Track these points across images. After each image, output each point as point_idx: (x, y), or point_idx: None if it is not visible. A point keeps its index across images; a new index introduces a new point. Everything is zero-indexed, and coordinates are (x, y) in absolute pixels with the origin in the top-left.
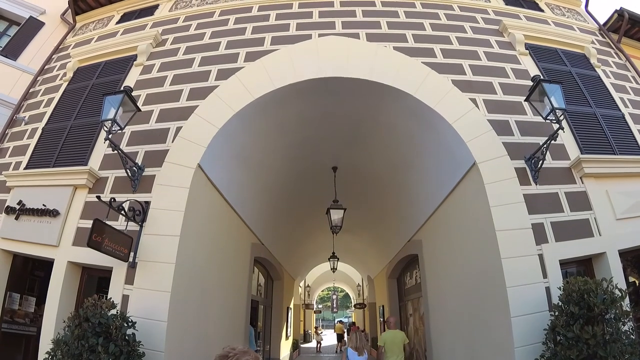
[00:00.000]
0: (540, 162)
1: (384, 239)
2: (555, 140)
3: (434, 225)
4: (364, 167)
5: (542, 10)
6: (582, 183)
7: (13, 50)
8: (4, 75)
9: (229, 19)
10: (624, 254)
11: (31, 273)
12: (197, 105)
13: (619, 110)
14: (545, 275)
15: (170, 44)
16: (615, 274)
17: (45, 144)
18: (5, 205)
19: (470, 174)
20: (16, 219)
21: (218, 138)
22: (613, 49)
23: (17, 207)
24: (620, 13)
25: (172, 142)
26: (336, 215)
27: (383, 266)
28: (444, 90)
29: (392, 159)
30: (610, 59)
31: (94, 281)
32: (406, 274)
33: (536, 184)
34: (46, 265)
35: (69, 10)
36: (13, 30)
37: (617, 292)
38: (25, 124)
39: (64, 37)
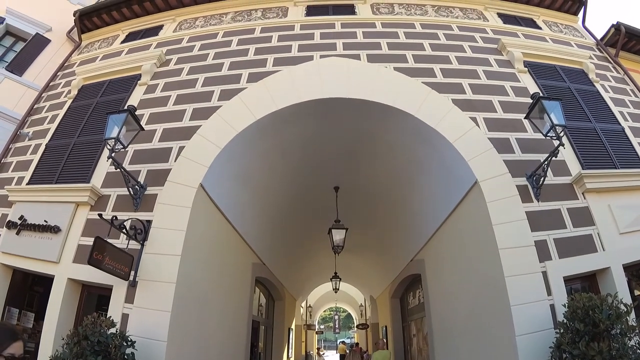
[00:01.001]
0: (542, 179)
1: (386, 258)
2: (556, 157)
3: (436, 245)
4: (366, 187)
5: (539, 28)
6: (584, 198)
7: (19, 66)
8: (9, 91)
9: (232, 40)
10: (628, 268)
11: (30, 288)
12: (200, 125)
13: (619, 124)
14: (549, 293)
15: (174, 64)
16: (620, 289)
17: (49, 160)
18: (7, 220)
19: (472, 193)
20: (17, 234)
21: (220, 158)
22: (611, 63)
23: (19, 222)
24: (617, 27)
25: (175, 161)
26: (338, 235)
27: (386, 286)
28: (444, 109)
29: (393, 179)
30: (609, 74)
31: (93, 299)
32: (409, 293)
33: (538, 201)
34: (46, 281)
35: (75, 28)
36: (19, 46)
37: (622, 307)
38: (29, 140)
39: (70, 55)
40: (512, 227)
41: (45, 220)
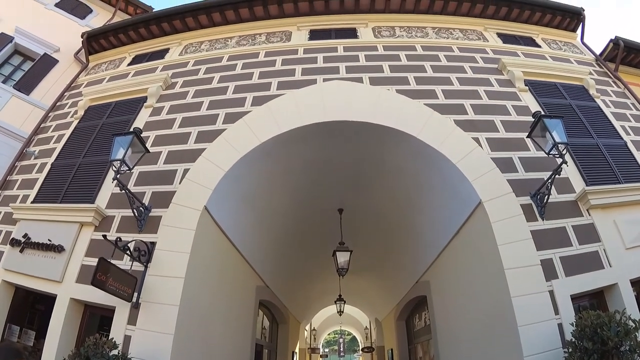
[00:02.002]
0: (546, 197)
1: (391, 280)
2: (559, 175)
3: (441, 266)
4: (370, 208)
5: (539, 46)
6: (589, 215)
7: (26, 85)
8: (16, 109)
9: (237, 64)
10: (636, 283)
11: (32, 306)
12: (205, 148)
13: (621, 138)
14: (557, 312)
15: (180, 87)
16: (629, 304)
17: (54, 180)
18: (11, 237)
19: (477, 213)
20: (21, 251)
21: (225, 181)
22: (611, 77)
23: (23, 240)
24: (616, 42)
25: (180, 183)
26: (342, 257)
27: (391, 308)
28: (446, 130)
29: (397, 200)
30: (609, 88)
31: (96, 319)
32: (415, 315)
33: (543, 220)
34: (48, 299)
35: (83, 49)
36: (27, 66)
37: (630, 323)
38: (35, 158)
39: (77, 76)
40: (517, 246)
41: (49, 239)
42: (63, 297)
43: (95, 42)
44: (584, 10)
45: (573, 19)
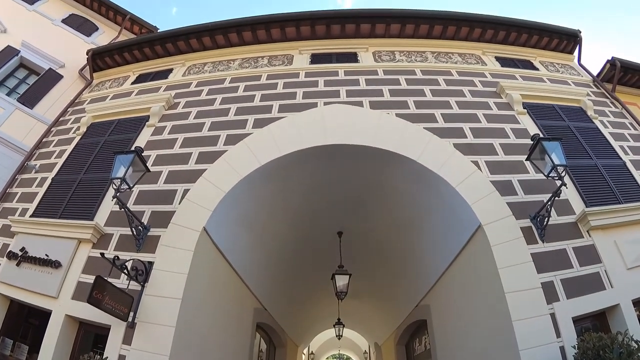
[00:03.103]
0: (546, 219)
1: (391, 304)
2: (559, 197)
3: (442, 289)
4: (370, 232)
5: (536, 69)
6: (590, 236)
7: (30, 99)
8: (19, 122)
9: (239, 86)
10: (638, 303)
11: (26, 320)
12: (206, 169)
13: (620, 158)
14: (558, 335)
15: (182, 108)
16: (631, 325)
17: (54, 195)
18: (8, 250)
19: (476, 236)
20: (17, 265)
21: (224, 202)
22: (609, 98)
23: (20, 253)
24: (613, 62)
25: (179, 204)
26: (341, 281)
27: (390, 332)
28: (446, 154)
29: (397, 224)
30: (607, 109)
31: (90, 337)
32: (415, 340)
33: (543, 242)
34: (42, 314)
35: (87, 66)
36: (32, 80)
37: (633, 344)
38: (36, 172)
39: (81, 92)
40: (517, 269)
41: (46, 254)
42: (58, 313)
43: (100, 59)
44: (580, 32)
45: (570, 41)
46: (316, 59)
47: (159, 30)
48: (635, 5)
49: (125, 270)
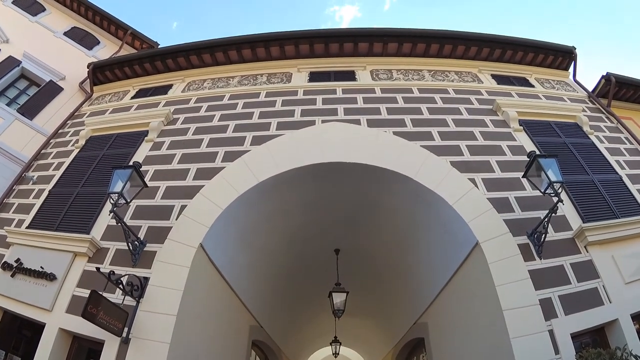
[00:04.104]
0: (543, 236)
1: (388, 322)
2: (555, 213)
3: (439, 307)
4: (367, 249)
5: (532, 86)
6: (587, 252)
7: (30, 110)
8: (18, 132)
9: (238, 103)
10: (637, 317)
11: (19, 331)
12: (203, 185)
13: (616, 173)
14: (557, 351)
15: (181, 123)
16: (630, 339)
17: (50, 207)
18: (3, 261)
19: (474, 254)
20: (12, 276)
21: (221, 219)
22: (604, 113)
23: (15, 264)
24: (607, 78)
25: (176, 219)
26: (338, 298)
27: (388, 350)
28: (443, 172)
29: (394, 241)
30: (602, 124)
31: (83, 352)
32: (412, 358)
33: (540, 259)
34: (35, 326)
35: (88, 79)
36: (32, 91)
37: (632, 359)
38: (33, 184)
39: (80, 105)
40: (515, 287)
41: (41, 267)
42: (52, 326)
43: (100, 73)
44: (575, 48)
45: (565, 57)
46: (314, 77)
47: (159, 46)
48: (630, 19)
49: (120, 286)
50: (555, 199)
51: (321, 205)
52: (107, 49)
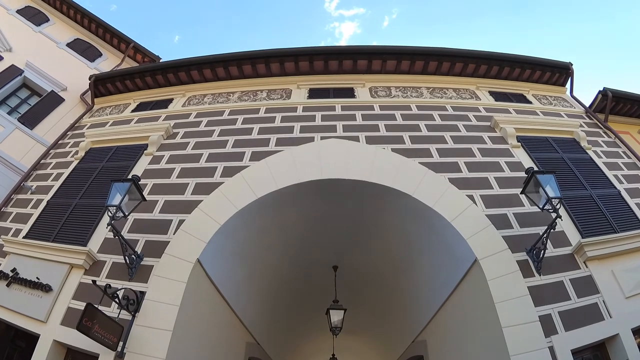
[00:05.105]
0: (542, 252)
1: (387, 340)
2: (554, 229)
3: (438, 325)
4: (365, 265)
5: (530, 102)
6: (587, 267)
7: (30, 120)
8: (18, 142)
9: (238, 118)
10: (638, 332)
11: (12, 341)
12: (202, 200)
13: (614, 187)
14: None
15: (181, 138)
16: (631, 354)
17: (48, 217)
18: None
19: (473, 271)
20: (7, 285)
21: (219, 234)
22: (601, 128)
23: (11, 274)
24: (604, 93)
25: (174, 234)
26: (336, 316)
27: None
28: (441, 189)
29: (393, 258)
30: (600, 139)
31: None
32: None
33: (540, 275)
34: (29, 337)
35: (89, 91)
36: (33, 100)
37: None
38: (32, 193)
39: (81, 116)
40: (514, 303)
41: (37, 277)
42: (46, 338)
43: (102, 85)
44: (572, 64)
45: (562, 73)
46: (314, 93)
47: (161, 60)
48: (625, 34)
49: (116, 299)
50: (553, 215)
51: (319, 221)
52: (110, 61)
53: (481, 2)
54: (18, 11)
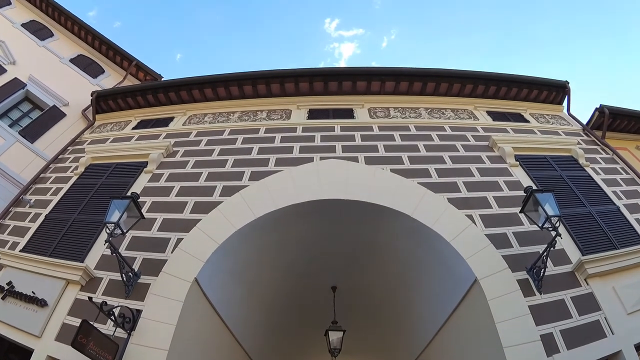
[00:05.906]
0: (542, 270)
1: None
2: (554, 247)
3: (439, 345)
4: (364, 287)
5: (527, 121)
6: (587, 284)
7: (31, 133)
8: (18, 155)
9: (238, 138)
10: None
11: (6, 354)
12: (200, 219)
13: (613, 204)
14: None
15: (181, 156)
16: None
17: (46, 232)
18: None
19: (473, 291)
20: (2, 298)
21: (217, 253)
22: (599, 145)
23: (6, 287)
24: (601, 110)
25: (172, 252)
26: (335, 337)
27: None
28: (440, 209)
29: (392, 279)
30: (598, 156)
31: None
32: None
33: (540, 294)
34: (23, 351)
35: (91, 107)
36: (35, 114)
37: None
38: (30, 207)
39: (82, 132)
40: (515, 323)
41: (33, 292)
42: (40, 353)
43: (103, 102)
44: (568, 83)
45: (559, 92)
46: (313, 114)
47: (163, 78)
48: (620, 50)
49: (112, 317)
50: (553, 233)
51: (318, 242)
52: (112, 78)
53: (478, 20)
54: (23, 25)
